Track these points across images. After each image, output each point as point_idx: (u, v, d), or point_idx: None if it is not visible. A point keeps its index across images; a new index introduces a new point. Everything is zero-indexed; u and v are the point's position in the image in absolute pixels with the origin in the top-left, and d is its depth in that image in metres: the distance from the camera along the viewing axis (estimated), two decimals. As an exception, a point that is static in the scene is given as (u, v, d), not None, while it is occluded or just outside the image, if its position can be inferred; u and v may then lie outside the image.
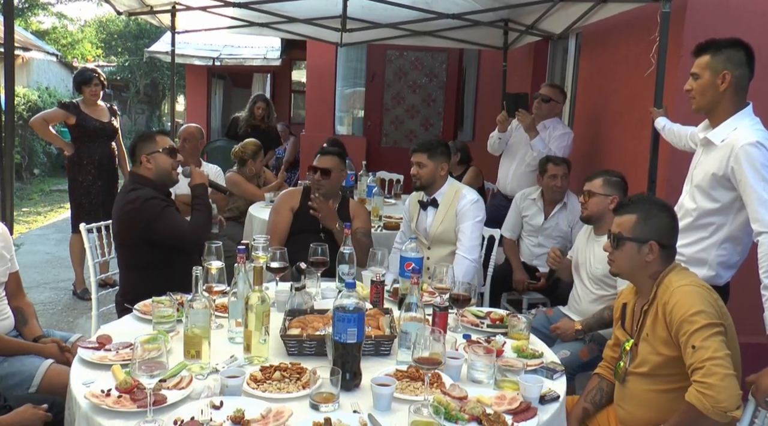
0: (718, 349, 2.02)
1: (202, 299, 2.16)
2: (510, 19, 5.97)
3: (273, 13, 5.92)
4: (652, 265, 2.29)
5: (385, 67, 9.19)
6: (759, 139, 2.50)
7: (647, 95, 3.68)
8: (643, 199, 2.40)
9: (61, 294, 5.60)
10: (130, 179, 3.28)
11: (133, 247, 3.17)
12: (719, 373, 1.98)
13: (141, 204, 3.08)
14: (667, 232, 2.31)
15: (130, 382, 1.92)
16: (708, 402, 1.97)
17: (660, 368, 2.22)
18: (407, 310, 2.29)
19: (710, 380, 1.98)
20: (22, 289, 2.95)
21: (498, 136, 4.91)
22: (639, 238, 2.29)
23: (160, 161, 3.23)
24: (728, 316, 2.20)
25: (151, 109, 22.78)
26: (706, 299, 2.14)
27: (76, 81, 5.30)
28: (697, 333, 2.05)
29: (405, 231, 3.92)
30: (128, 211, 3.11)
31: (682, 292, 2.16)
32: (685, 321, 2.09)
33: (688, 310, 2.10)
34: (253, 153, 5.33)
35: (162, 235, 3.10)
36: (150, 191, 3.16)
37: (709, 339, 2.03)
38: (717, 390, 1.96)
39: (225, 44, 11.49)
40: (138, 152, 3.24)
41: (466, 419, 1.85)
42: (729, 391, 1.96)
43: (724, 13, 3.70)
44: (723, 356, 2.01)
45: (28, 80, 14.08)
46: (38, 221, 8.76)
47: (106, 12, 23.67)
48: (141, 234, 3.11)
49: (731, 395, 1.96)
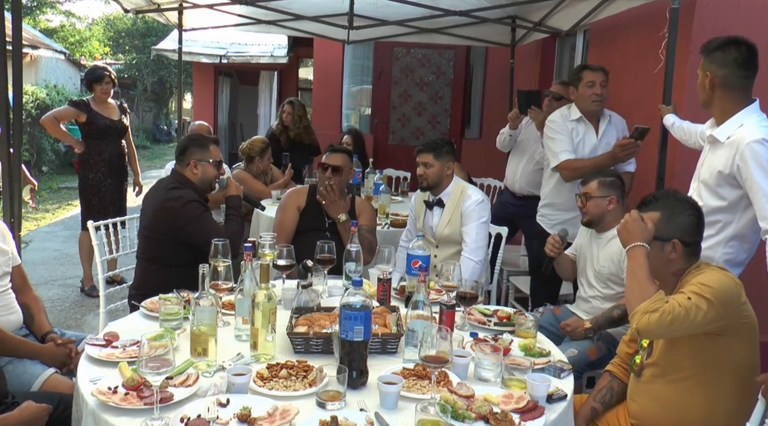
0: (690, 309, 2.04)
1: (208, 297, 2.16)
2: (517, 15, 5.94)
3: (280, 11, 5.92)
4: (675, 262, 2.26)
5: (392, 65, 9.17)
6: (765, 135, 2.49)
7: (656, 92, 3.65)
8: (668, 196, 2.35)
9: (69, 291, 5.63)
10: (173, 177, 3.32)
11: (162, 242, 3.20)
12: (667, 315, 2.04)
13: (182, 205, 3.13)
14: (691, 230, 2.26)
15: (137, 379, 1.92)
16: (639, 321, 2.08)
17: (675, 362, 2.21)
18: (414, 307, 2.29)
19: (656, 314, 2.06)
20: (29, 284, 2.95)
21: (509, 133, 4.89)
22: (662, 237, 2.25)
23: (207, 170, 3.31)
24: (748, 316, 2.17)
25: (158, 107, 22.89)
26: (726, 286, 2.11)
27: (88, 79, 5.32)
28: (694, 290, 2.08)
29: (411, 229, 3.92)
30: (168, 208, 3.14)
31: (708, 271, 2.17)
32: (693, 283, 2.11)
33: (703, 281, 2.10)
34: (260, 150, 5.34)
35: (196, 239, 3.13)
36: (191, 193, 3.22)
37: (695, 300, 2.05)
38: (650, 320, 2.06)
39: (232, 42, 11.50)
40: (189, 155, 3.29)
41: (473, 418, 1.84)
42: (652, 327, 2.07)
43: (733, 9, 3.68)
44: (684, 314, 2.04)
45: (37, 78, 14.16)
46: (46, 218, 8.81)
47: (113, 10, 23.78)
48: (175, 234, 3.15)
49: (648, 329, 2.07)
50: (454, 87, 9.20)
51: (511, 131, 4.88)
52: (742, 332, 2.15)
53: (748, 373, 2.18)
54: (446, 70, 9.17)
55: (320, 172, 3.73)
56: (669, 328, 2.06)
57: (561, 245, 3.30)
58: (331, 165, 3.68)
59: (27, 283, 2.93)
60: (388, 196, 4.99)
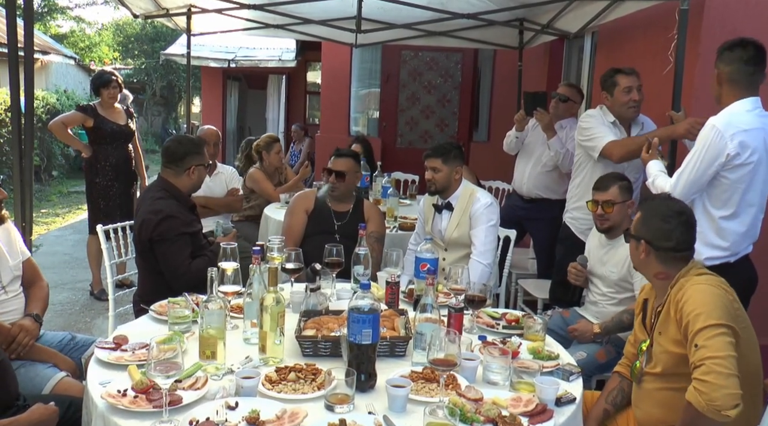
0: (721, 349, 1.98)
1: (217, 300, 2.17)
2: (525, 18, 5.93)
3: (288, 15, 5.94)
4: (650, 264, 2.32)
5: (400, 68, 9.18)
6: (723, 123, 2.77)
7: (665, 94, 3.63)
8: (654, 203, 2.43)
9: (79, 294, 5.66)
10: (160, 184, 3.26)
11: (147, 251, 3.18)
12: (717, 372, 1.94)
13: (159, 221, 3.07)
14: (662, 236, 2.28)
15: (146, 382, 1.93)
16: (703, 399, 1.94)
17: (673, 367, 2.20)
18: (422, 311, 2.28)
19: (707, 378, 1.95)
20: (40, 275, 2.92)
21: (515, 135, 4.88)
22: (635, 235, 2.37)
23: (201, 174, 3.31)
24: (744, 319, 2.17)
25: (167, 111, 23.01)
26: (720, 299, 2.10)
27: (95, 83, 5.35)
28: (702, 332, 2.03)
29: (419, 232, 3.91)
30: (146, 220, 3.11)
31: (694, 290, 2.14)
32: (693, 319, 2.07)
33: (696, 307, 2.08)
34: (265, 144, 5.33)
35: (158, 256, 3.11)
36: (174, 207, 3.15)
37: (713, 338, 2.00)
38: (712, 388, 1.93)
39: (240, 46, 11.55)
40: (189, 161, 3.24)
41: (482, 421, 1.84)
42: (725, 391, 1.92)
43: (743, 10, 3.65)
44: (725, 356, 1.97)
45: (47, 83, 14.26)
46: (56, 222, 8.86)
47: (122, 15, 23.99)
48: (145, 245, 3.13)
49: (727, 394, 1.92)
50: (462, 90, 9.19)
51: (518, 133, 4.87)
52: (737, 336, 2.12)
53: (753, 378, 2.17)
54: (454, 73, 9.16)
55: (325, 176, 3.73)
56: (729, 373, 1.96)
57: (584, 274, 3.27)
58: (334, 170, 3.68)
59: (38, 275, 2.91)
60: (396, 199, 4.98)
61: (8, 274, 2.71)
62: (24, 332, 2.59)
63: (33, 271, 2.90)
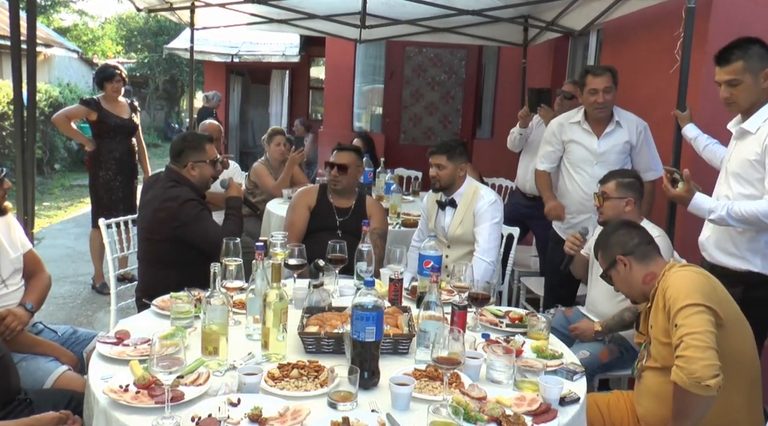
0: (697, 325, 2.03)
1: (219, 296, 2.15)
2: (530, 15, 5.91)
3: (292, 10, 5.92)
4: (637, 273, 2.41)
5: (404, 64, 9.15)
6: None
7: (671, 93, 3.61)
8: (600, 236, 2.61)
9: (81, 288, 5.66)
10: (168, 175, 3.27)
11: (160, 242, 3.18)
12: (694, 346, 1.99)
13: (180, 204, 3.11)
14: (626, 242, 2.44)
15: (148, 377, 1.92)
16: (684, 374, 1.98)
17: (668, 359, 2.20)
18: (426, 308, 2.27)
19: (686, 353, 2.00)
20: (42, 266, 2.90)
21: (519, 132, 4.86)
22: (609, 263, 2.49)
23: (204, 171, 3.29)
24: (730, 305, 2.21)
25: (169, 105, 23.01)
26: (700, 283, 2.17)
27: (99, 77, 5.34)
28: (681, 311, 2.09)
29: (423, 229, 3.90)
30: (166, 209, 3.12)
31: (676, 276, 2.23)
32: (673, 302, 2.13)
33: (678, 291, 2.15)
34: (268, 136, 5.35)
35: (194, 239, 3.14)
36: (188, 192, 3.19)
37: (691, 316, 2.06)
38: (690, 361, 1.98)
39: (243, 41, 11.54)
40: (185, 157, 3.24)
41: (486, 420, 1.83)
42: (702, 362, 1.96)
43: (750, 8, 3.63)
44: (702, 331, 2.01)
45: (50, 76, 14.27)
46: (59, 215, 8.86)
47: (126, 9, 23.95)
48: (172, 232, 3.13)
49: (705, 365, 1.96)
50: (466, 87, 9.16)
51: (522, 130, 4.85)
52: (723, 318, 2.14)
53: (746, 368, 2.20)
54: (458, 69, 9.14)
55: (327, 170, 3.72)
56: (706, 346, 1.99)
57: (581, 243, 3.27)
58: (336, 163, 3.67)
59: (40, 266, 2.89)
60: (400, 195, 4.97)
61: (8, 266, 2.69)
62: (12, 316, 2.54)
63: (35, 262, 2.88)
